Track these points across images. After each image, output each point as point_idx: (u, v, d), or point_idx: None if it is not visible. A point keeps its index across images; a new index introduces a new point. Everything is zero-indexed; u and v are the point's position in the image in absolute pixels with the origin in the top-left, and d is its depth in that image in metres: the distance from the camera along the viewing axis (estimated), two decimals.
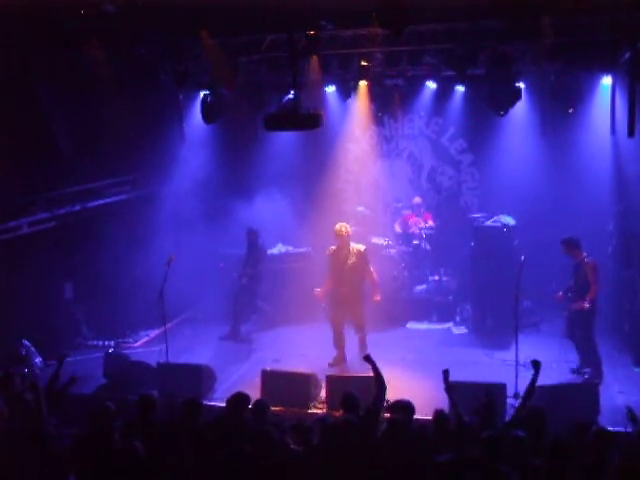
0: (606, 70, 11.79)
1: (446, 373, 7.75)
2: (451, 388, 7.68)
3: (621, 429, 8.12)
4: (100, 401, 7.49)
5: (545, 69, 11.11)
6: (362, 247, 11.16)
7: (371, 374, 9.61)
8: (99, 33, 10.31)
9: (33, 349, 11.18)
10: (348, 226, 11.17)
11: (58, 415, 7.73)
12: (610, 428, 7.83)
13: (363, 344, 11.18)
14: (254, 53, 11.31)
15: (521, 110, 12.36)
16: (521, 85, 11.56)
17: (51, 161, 11.47)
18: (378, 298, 11.22)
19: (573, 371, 10.55)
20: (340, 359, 11.16)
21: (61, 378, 8.08)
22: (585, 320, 10.23)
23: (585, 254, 10.34)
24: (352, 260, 10.97)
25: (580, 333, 10.40)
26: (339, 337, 11.23)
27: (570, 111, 11.77)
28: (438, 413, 7.16)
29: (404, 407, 7.31)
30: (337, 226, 11.06)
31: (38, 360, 11.18)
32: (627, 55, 10.55)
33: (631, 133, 10.13)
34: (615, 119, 12.17)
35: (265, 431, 6.57)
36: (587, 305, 9.96)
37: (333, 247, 11.14)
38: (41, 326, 11.71)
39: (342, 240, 10.99)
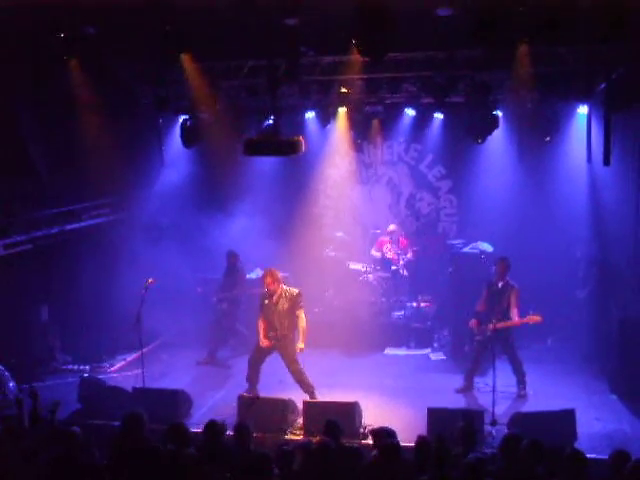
0: (582, 100, 11.98)
1: None
2: None
3: (599, 456, 8.16)
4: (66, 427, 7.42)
5: (523, 98, 11.24)
6: (295, 292, 10.54)
7: (348, 400, 9.61)
8: (79, 56, 10.28)
9: (7, 373, 10.99)
10: (274, 273, 10.53)
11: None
12: (588, 455, 7.89)
13: (310, 393, 10.49)
14: (234, 78, 11.34)
15: (499, 138, 12.49)
16: (499, 113, 11.70)
17: (29, 183, 11.41)
18: (301, 347, 10.36)
19: (519, 396, 10.62)
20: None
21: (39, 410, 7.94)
22: (510, 339, 10.58)
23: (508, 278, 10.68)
24: (283, 304, 10.43)
25: (510, 352, 10.63)
26: (253, 378, 10.75)
27: (547, 139, 11.93)
28: (421, 439, 7.12)
29: (387, 434, 7.27)
30: (264, 276, 10.52)
31: (11, 385, 10.99)
32: (602, 85, 10.72)
33: (606, 161, 10.26)
34: (591, 148, 12.34)
35: (261, 455, 6.52)
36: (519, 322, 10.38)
37: (264, 294, 10.64)
38: (15, 350, 11.54)
39: (271, 289, 10.45)
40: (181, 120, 12.64)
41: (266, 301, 10.55)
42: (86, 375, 11.45)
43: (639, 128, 10.82)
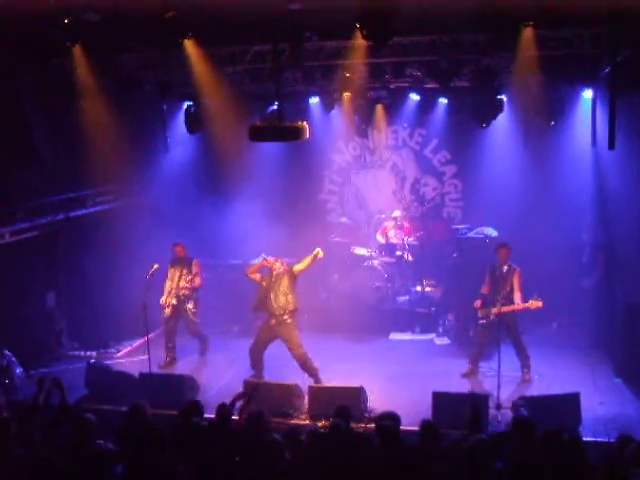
0: (587, 84, 11.95)
1: None
2: None
3: (602, 439, 8.20)
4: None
5: (527, 82, 11.19)
6: (289, 264, 10.74)
7: (354, 385, 9.66)
8: (82, 42, 10.26)
9: (14, 359, 11.08)
10: (282, 261, 10.78)
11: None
12: (592, 438, 7.93)
13: (315, 377, 10.58)
14: (238, 64, 11.31)
15: (504, 122, 12.48)
16: (504, 97, 11.66)
17: (33, 170, 11.40)
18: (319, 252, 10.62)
19: (524, 380, 10.65)
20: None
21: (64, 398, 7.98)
22: (515, 323, 10.57)
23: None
24: (283, 281, 10.59)
25: (514, 337, 10.66)
26: (257, 365, 10.83)
27: (552, 123, 11.90)
28: (426, 423, 7.14)
29: (391, 418, 7.29)
30: (272, 263, 10.74)
31: (19, 370, 11.08)
32: (607, 69, 10.67)
33: (611, 146, 10.23)
34: (596, 132, 12.30)
35: (272, 441, 6.56)
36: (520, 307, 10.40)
37: (263, 277, 10.80)
38: (23, 336, 11.61)
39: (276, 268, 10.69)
40: (185, 106, 12.63)
41: (264, 283, 10.62)
42: (93, 361, 11.51)
43: None
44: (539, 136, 12.70)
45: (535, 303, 10.19)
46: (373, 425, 7.60)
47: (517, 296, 10.46)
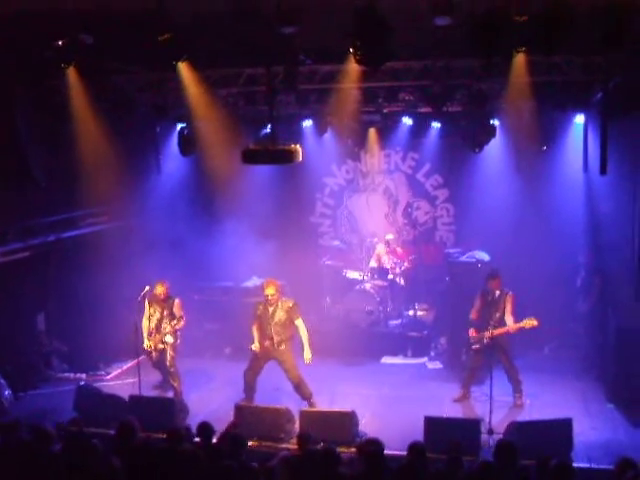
0: (579, 109, 12.01)
1: None
2: None
3: (595, 466, 8.17)
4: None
5: (519, 107, 11.26)
6: (291, 303, 10.48)
7: (345, 409, 9.63)
8: (77, 64, 10.29)
9: (2, 381, 10.99)
10: (276, 285, 10.54)
11: None
12: (584, 464, 7.90)
13: (308, 400, 10.55)
14: (232, 86, 11.35)
15: (496, 147, 12.52)
16: (496, 122, 11.73)
17: (26, 190, 11.38)
18: (308, 357, 10.38)
19: (516, 405, 10.62)
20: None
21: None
22: (507, 347, 10.57)
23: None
24: (280, 316, 10.45)
25: (506, 361, 10.63)
26: (250, 388, 10.71)
27: (544, 148, 11.98)
28: (414, 446, 7.10)
29: (375, 443, 7.26)
30: (266, 287, 10.46)
31: (7, 392, 10.99)
32: (599, 95, 10.75)
33: (603, 171, 10.27)
34: (587, 157, 12.35)
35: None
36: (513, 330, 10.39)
37: (261, 302, 10.60)
38: (12, 358, 11.54)
39: (272, 301, 10.44)
40: (178, 128, 12.66)
41: (260, 309, 10.55)
42: (82, 383, 11.41)
43: (635, 137, 10.85)
44: (531, 161, 12.76)
45: (530, 322, 10.17)
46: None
47: (509, 319, 10.44)
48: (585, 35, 8.30)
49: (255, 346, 10.51)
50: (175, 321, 10.96)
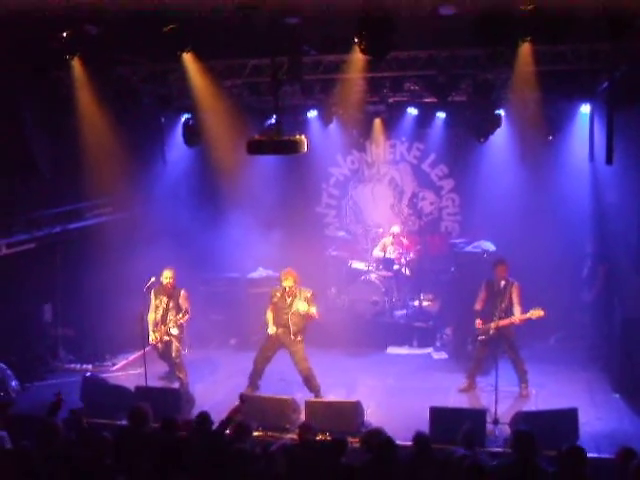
0: (585, 98, 11.98)
1: None
2: None
3: (600, 455, 8.17)
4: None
5: (525, 97, 11.23)
6: (309, 293, 10.59)
7: (350, 399, 9.65)
8: (81, 55, 10.28)
9: (9, 372, 11.03)
10: (294, 275, 10.56)
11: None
12: (590, 454, 7.89)
13: (316, 393, 10.55)
14: (237, 77, 11.34)
15: (501, 137, 12.49)
16: (501, 112, 11.69)
17: (31, 182, 11.41)
18: (313, 311, 10.46)
19: (522, 395, 10.63)
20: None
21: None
22: (513, 338, 10.56)
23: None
24: (298, 306, 10.43)
25: (512, 351, 10.63)
26: (257, 375, 10.77)
27: (550, 138, 11.94)
28: (419, 436, 7.11)
29: (379, 434, 7.28)
30: (284, 278, 10.52)
31: (14, 383, 11.02)
32: (605, 84, 10.72)
33: (609, 160, 10.25)
34: (593, 146, 12.33)
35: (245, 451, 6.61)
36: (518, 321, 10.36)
37: (280, 288, 10.67)
38: (18, 349, 11.58)
39: (290, 290, 10.51)
40: (183, 119, 12.66)
41: (277, 297, 10.59)
42: (88, 374, 11.45)
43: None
44: (537, 151, 12.73)
45: (536, 312, 10.15)
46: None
47: (517, 310, 10.42)
48: (591, 24, 8.26)
49: (271, 329, 10.53)
50: (180, 315, 10.97)
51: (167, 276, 11.05)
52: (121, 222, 13.29)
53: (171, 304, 11.04)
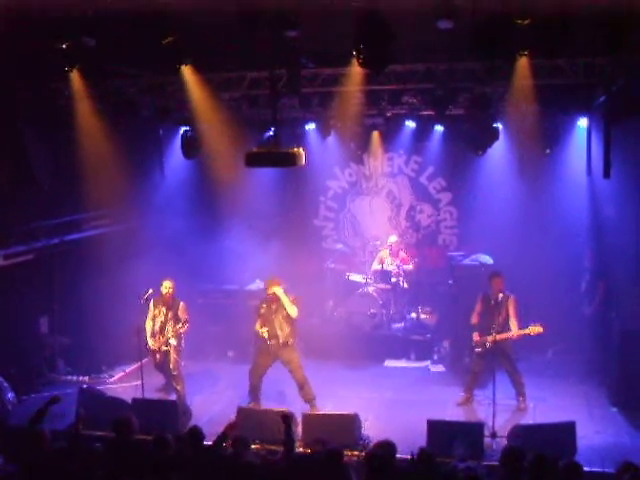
0: (582, 112, 12.02)
1: None
2: None
3: (598, 469, 8.14)
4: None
5: (523, 110, 11.26)
6: (291, 297, 10.55)
7: (347, 412, 9.62)
8: (80, 67, 10.31)
9: (5, 384, 10.98)
10: (279, 282, 10.59)
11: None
12: (587, 468, 7.87)
13: (310, 402, 10.58)
14: (235, 90, 11.38)
15: (499, 150, 12.50)
16: (499, 125, 11.72)
17: (29, 193, 11.41)
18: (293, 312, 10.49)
19: (519, 408, 10.60)
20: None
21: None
22: (510, 351, 10.55)
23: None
24: (283, 311, 10.50)
25: (510, 365, 10.62)
26: (255, 389, 10.73)
27: (547, 152, 11.96)
28: (423, 452, 7.09)
29: (384, 446, 7.23)
30: (269, 285, 10.57)
31: (10, 395, 10.97)
32: (602, 98, 10.75)
33: (607, 174, 10.28)
34: (591, 160, 12.35)
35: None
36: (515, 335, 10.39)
37: (264, 301, 10.71)
38: (15, 360, 11.54)
39: (271, 295, 10.57)
40: (182, 131, 12.67)
41: (263, 308, 10.58)
42: (85, 386, 11.42)
43: (637, 140, 10.85)
44: (534, 164, 12.74)
45: (535, 329, 10.15)
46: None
47: (513, 324, 10.42)
48: (588, 38, 8.30)
49: (262, 332, 10.49)
50: (180, 325, 10.96)
51: (167, 286, 11.05)
52: (119, 234, 13.28)
53: (170, 315, 11.04)
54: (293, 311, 10.47)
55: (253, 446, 8.45)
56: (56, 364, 12.57)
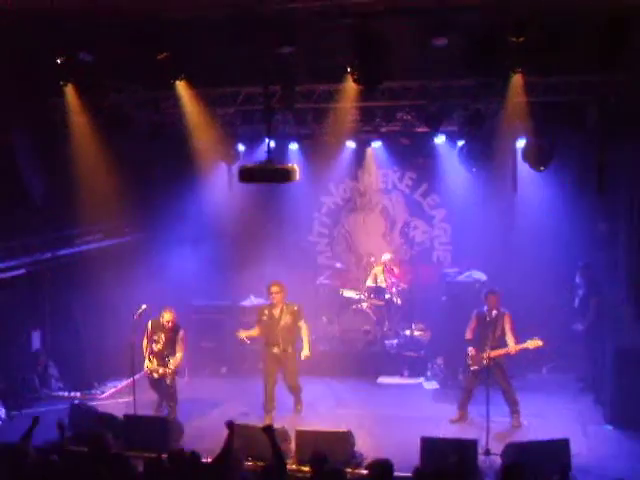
0: (575, 129, 12.02)
1: None
2: None
3: None
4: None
5: (517, 127, 11.30)
6: (296, 306, 10.83)
7: (341, 429, 9.57)
8: (75, 82, 10.32)
9: None
10: (281, 284, 10.83)
11: None
12: None
13: (299, 402, 11.12)
14: (230, 105, 11.40)
15: (493, 166, 12.50)
16: (493, 142, 11.73)
17: (21, 208, 11.37)
18: (307, 354, 10.85)
19: (513, 426, 10.57)
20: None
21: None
22: (505, 368, 10.51)
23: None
24: (286, 319, 10.71)
25: (504, 382, 10.57)
26: (270, 400, 10.84)
27: (541, 169, 11.97)
28: (419, 471, 7.05)
29: (382, 465, 7.18)
30: (271, 285, 10.79)
31: (1, 411, 10.91)
32: (595, 115, 10.79)
33: (600, 190, 10.31)
34: (584, 176, 12.33)
35: None
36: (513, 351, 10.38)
37: (266, 306, 10.95)
38: (6, 376, 11.46)
39: (276, 299, 10.76)
40: (177, 146, 12.66)
41: (265, 314, 10.64)
42: (76, 402, 11.34)
43: (632, 156, 10.89)
44: (528, 180, 12.75)
45: (534, 342, 10.15)
46: (361, 470, 7.51)
47: (510, 339, 10.40)
48: (581, 56, 8.36)
49: (274, 349, 10.67)
50: (178, 355, 10.87)
51: (167, 319, 10.82)
52: (111, 249, 13.25)
53: (170, 341, 10.90)
54: (305, 330, 10.84)
55: (246, 463, 8.41)
56: (48, 380, 12.49)
